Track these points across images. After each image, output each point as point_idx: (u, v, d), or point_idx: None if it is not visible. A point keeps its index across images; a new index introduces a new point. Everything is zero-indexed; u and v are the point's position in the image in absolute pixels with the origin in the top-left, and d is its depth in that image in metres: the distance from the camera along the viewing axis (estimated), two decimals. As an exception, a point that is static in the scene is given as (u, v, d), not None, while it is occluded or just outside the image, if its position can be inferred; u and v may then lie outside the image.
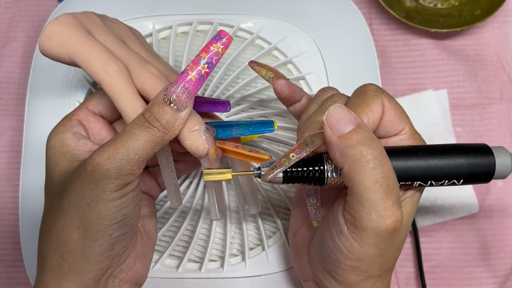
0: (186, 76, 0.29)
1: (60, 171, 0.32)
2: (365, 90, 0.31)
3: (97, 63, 0.31)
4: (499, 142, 0.49)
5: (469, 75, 0.50)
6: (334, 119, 0.28)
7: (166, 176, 0.33)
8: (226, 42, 0.29)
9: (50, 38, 0.32)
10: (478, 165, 0.30)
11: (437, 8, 0.51)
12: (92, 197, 0.29)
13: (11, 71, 0.52)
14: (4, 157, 0.50)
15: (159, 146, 0.30)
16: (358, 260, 0.29)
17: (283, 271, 0.41)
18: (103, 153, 0.29)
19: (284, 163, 0.28)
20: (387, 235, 0.28)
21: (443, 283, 0.47)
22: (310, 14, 0.45)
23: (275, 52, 0.45)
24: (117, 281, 0.32)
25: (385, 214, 0.27)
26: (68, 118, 0.35)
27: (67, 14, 0.33)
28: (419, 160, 0.30)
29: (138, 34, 0.40)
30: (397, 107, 0.31)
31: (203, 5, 0.46)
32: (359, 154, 0.27)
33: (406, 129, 0.31)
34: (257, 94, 0.44)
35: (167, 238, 0.43)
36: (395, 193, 0.28)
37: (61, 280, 0.30)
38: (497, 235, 0.48)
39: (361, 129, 0.28)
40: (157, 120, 0.29)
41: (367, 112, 0.30)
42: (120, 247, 0.31)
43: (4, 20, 0.53)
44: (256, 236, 0.42)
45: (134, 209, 0.31)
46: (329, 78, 0.44)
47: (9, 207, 0.50)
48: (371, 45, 0.45)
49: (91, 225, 0.29)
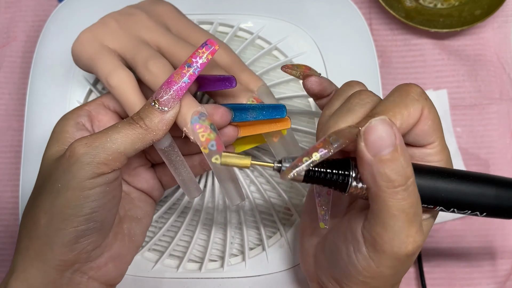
0: (171, 79, 0.31)
1: (48, 156, 0.33)
2: (409, 90, 0.29)
3: (102, 76, 0.34)
4: (499, 142, 0.49)
5: (469, 75, 0.50)
6: (374, 136, 0.25)
7: (176, 172, 0.34)
8: (212, 49, 0.31)
9: (75, 58, 0.37)
10: (506, 198, 0.29)
11: (437, 8, 0.51)
12: (63, 183, 0.29)
13: (11, 71, 0.52)
14: (4, 157, 0.50)
15: (140, 143, 0.30)
16: (371, 277, 0.28)
17: (283, 271, 0.41)
18: (83, 139, 0.30)
19: (305, 161, 0.26)
20: (406, 259, 0.28)
21: (443, 283, 0.47)
22: (310, 14, 0.45)
23: (275, 52, 0.45)
24: (85, 277, 0.32)
25: (407, 240, 0.27)
26: (80, 107, 0.36)
27: (83, 32, 0.36)
28: (447, 184, 0.28)
29: (164, 10, 0.39)
30: (435, 118, 0.29)
31: (203, 5, 0.46)
32: (391, 183, 0.26)
33: (436, 143, 0.30)
34: (257, 94, 0.44)
35: (167, 238, 0.43)
36: (419, 219, 0.27)
37: (26, 265, 0.31)
38: (497, 235, 0.48)
39: (399, 154, 0.26)
40: (141, 118, 0.30)
41: (404, 114, 0.28)
42: (87, 243, 0.31)
43: (4, 20, 0.53)
44: (256, 236, 0.42)
45: (105, 206, 0.31)
46: (329, 78, 0.43)
47: (9, 207, 0.50)
48: (371, 45, 0.45)
49: (58, 213, 0.30)
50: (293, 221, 0.42)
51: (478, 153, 0.49)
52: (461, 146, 0.49)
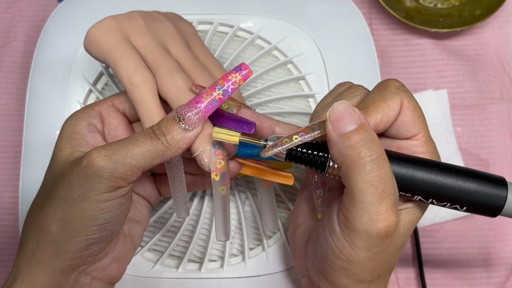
0: (200, 98, 0.30)
1: (61, 157, 0.32)
2: (387, 85, 0.30)
3: (124, 71, 0.33)
4: (499, 142, 0.49)
5: (469, 75, 0.50)
6: (337, 116, 0.27)
7: (174, 188, 0.34)
8: (245, 74, 0.30)
9: (91, 41, 0.34)
10: (487, 195, 0.29)
11: (437, 8, 0.51)
12: (80, 193, 0.29)
13: (11, 71, 0.52)
14: (4, 157, 0.50)
15: (158, 159, 0.30)
16: (348, 261, 0.28)
17: (283, 271, 0.41)
18: (102, 150, 0.29)
19: (285, 143, 0.28)
20: (378, 239, 0.27)
21: (443, 283, 0.47)
22: (310, 14, 0.45)
23: (275, 52, 0.45)
24: (89, 278, 0.32)
25: (377, 217, 0.27)
26: (90, 107, 0.35)
27: (109, 18, 0.34)
28: (425, 174, 0.29)
29: (188, 29, 0.39)
30: (415, 109, 0.30)
31: (203, 5, 0.46)
32: (357, 155, 0.27)
33: (421, 135, 0.30)
34: (257, 94, 0.44)
35: (167, 238, 0.43)
36: (391, 198, 0.27)
37: (31, 268, 0.30)
38: (497, 235, 0.48)
39: (363, 129, 0.27)
40: (163, 134, 0.30)
41: (383, 108, 0.29)
42: (96, 249, 0.31)
43: (4, 20, 0.53)
44: (256, 236, 0.42)
45: (118, 216, 0.31)
46: (329, 78, 0.44)
47: (9, 207, 0.50)
48: (371, 45, 0.45)
49: (71, 221, 0.29)
50: (293, 221, 0.42)
51: (478, 153, 0.49)
52: (461, 146, 0.49)
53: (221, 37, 0.45)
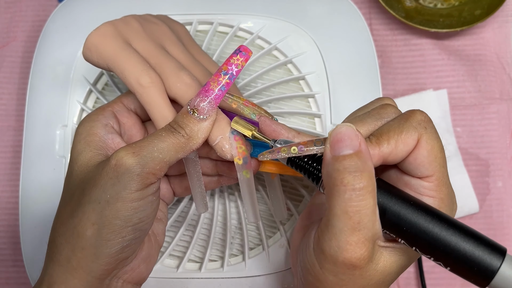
0: (208, 87, 0.31)
1: (82, 161, 0.32)
2: (409, 116, 0.29)
3: (131, 75, 0.33)
4: (499, 142, 0.49)
5: (469, 75, 0.50)
6: (337, 137, 0.27)
7: (193, 184, 0.34)
8: (246, 55, 0.31)
9: (91, 49, 0.34)
10: (477, 259, 0.26)
11: (437, 8, 0.51)
12: (113, 194, 0.29)
13: (11, 71, 0.52)
14: (4, 157, 0.50)
15: (182, 152, 0.31)
16: (317, 280, 0.28)
17: (283, 271, 0.41)
18: (129, 148, 0.30)
19: (282, 152, 0.29)
20: (345, 268, 0.27)
21: (443, 283, 0.47)
22: (310, 14, 0.45)
23: (275, 52, 0.45)
24: (120, 281, 0.32)
25: (345, 246, 0.26)
26: (103, 108, 0.35)
27: (106, 24, 0.34)
28: (415, 219, 0.27)
29: (181, 30, 0.40)
30: (433, 149, 0.28)
31: (203, 5, 0.46)
32: (340, 180, 0.26)
33: (433, 178, 0.28)
34: (257, 94, 0.44)
35: (167, 238, 0.43)
36: (366, 233, 0.26)
37: (67, 275, 0.30)
38: (497, 235, 0.47)
39: (357, 157, 0.26)
40: (182, 128, 0.30)
41: (396, 140, 0.28)
42: (129, 251, 0.31)
43: (4, 20, 0.53)
44: (256, 236, 0.42)
45: (150, 215, 0.31)
46: (329, 78, 0.44)
47: (9, 207, 0.50)
48: (371, 45, 0.45)
49: (107, 224, 0.29)
50: (293, 221, 0.42)
51: (478, 153, 0.49)
52: (461, 146, 0.49)
53: (221, 37, 0.45)
